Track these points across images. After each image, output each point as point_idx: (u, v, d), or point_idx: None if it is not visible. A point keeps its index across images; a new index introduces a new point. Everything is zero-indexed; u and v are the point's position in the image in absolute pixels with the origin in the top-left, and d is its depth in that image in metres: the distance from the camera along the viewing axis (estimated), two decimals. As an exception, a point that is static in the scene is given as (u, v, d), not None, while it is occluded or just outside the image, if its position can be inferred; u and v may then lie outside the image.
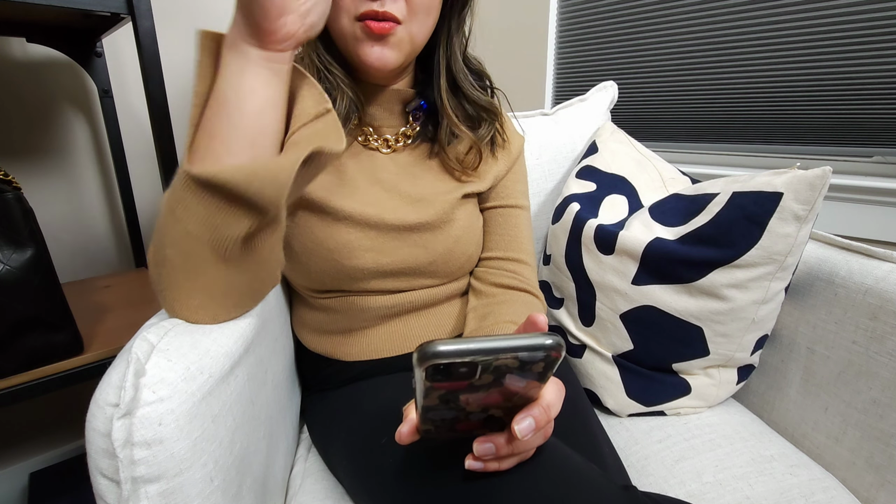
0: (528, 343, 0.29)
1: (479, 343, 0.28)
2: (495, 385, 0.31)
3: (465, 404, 0.33)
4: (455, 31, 0.58)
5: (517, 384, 0.32)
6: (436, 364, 0.28)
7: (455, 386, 0.31)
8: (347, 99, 0.56)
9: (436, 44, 0.59)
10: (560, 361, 0.31)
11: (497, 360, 0.29)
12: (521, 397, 0.34)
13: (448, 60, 0.59)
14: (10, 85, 0.92)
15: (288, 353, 0.64)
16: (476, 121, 0.63)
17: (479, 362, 0.29)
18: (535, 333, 0.30)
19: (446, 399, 0.32)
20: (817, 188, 0.57)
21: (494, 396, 0.33)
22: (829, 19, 0.98)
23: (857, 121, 1.00)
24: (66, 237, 1.02)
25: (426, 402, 0.32)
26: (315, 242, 0.57)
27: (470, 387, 0.31)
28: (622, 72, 1.31)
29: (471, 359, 0.28)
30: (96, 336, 0.73)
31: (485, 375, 0.30)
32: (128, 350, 0.37)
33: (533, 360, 0.30)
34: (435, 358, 0.28)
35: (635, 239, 0.67)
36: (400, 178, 0.61)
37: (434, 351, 0.28)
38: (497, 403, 0.34)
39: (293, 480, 0.61)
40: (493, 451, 0.36)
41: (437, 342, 0.28)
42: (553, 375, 0.33)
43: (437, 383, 0.30)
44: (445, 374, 0.29)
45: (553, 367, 0.31)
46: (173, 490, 0.35)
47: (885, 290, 0.58)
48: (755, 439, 0.64)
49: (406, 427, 0.37)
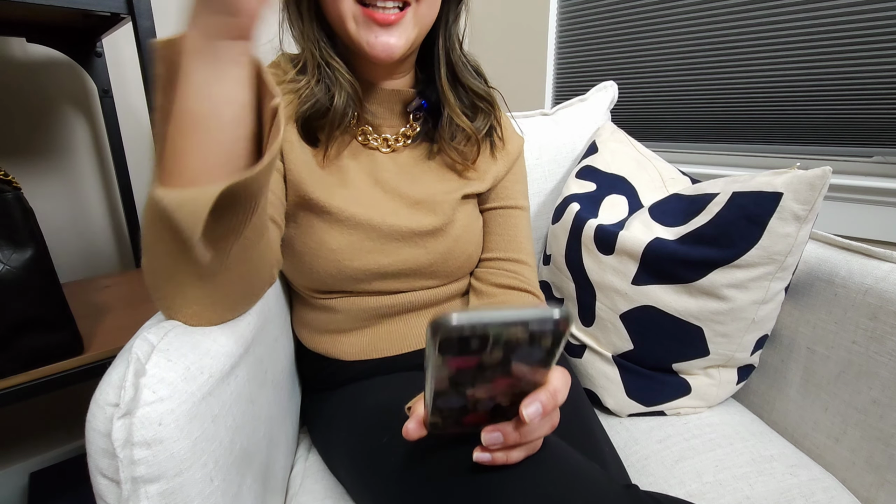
0: (537, 315, 0.29)
1: (491, 313, 0.29)
2: (503, 367, 0.32)
3: (473, 391, 0.33)
4: (453, 21, 0.60)
5: (524, 367, 0.32)
6: (449, 336, 0.28)
7: (466, 363, 0.31)
8: (346, 94, 0.56)
9: (435, 37, 0.60)
10: (566, 338, 0.31)
11: (508, 332, 0.29)
12: (528, 383, 0.34)
13: (447, 50, 0.60)
14: (10, 85, 0.92)
15: (288, 353, 0.64)
16: (474, 111, 0.64)
17: (490, 334, 0.29)
18: (543, 306, 0.30)
19: (455, 382, 0.32)
20: (817, 188, 0.57)
21: (501, 383, 0.33)
22: (829, 19, 0.98)
23: (857, 121, 1.00)
24: (66, 237, 1.02)
25: (437, 386, 0.33)
26: (318, 243, 0.57)
27: (480, 366, 0.31)
28: (622, 72, 1.31)
29: (483, 330, 0.29)
30: (96, 336, 0.73)
31: (495, 351, 0.30)
32: (128, 350, 0.37)
33: (542, 331, 0.30)
34: (449, 329, 0.28)
35: (635, 239, 0.67)
36: (400, 179, 0.61)
37: (448, 321, 0.28)
38: (504, 390, 0.34)
39: (293, 480, 0.61)
40: (501, 440, 0.36)
41: (450, 313, 0.28)
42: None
43: (451, 357, 0.30)
44: (458, 348, 0.29)
45: (560, 342, 0.31)
46: (173, 490, 0.35)
47: (885, 290, 0.58)
48: (755, 439, 0.64)
49: (413, 422, 0.37)
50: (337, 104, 0.55)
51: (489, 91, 0.65)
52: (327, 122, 0.56)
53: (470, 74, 0.62)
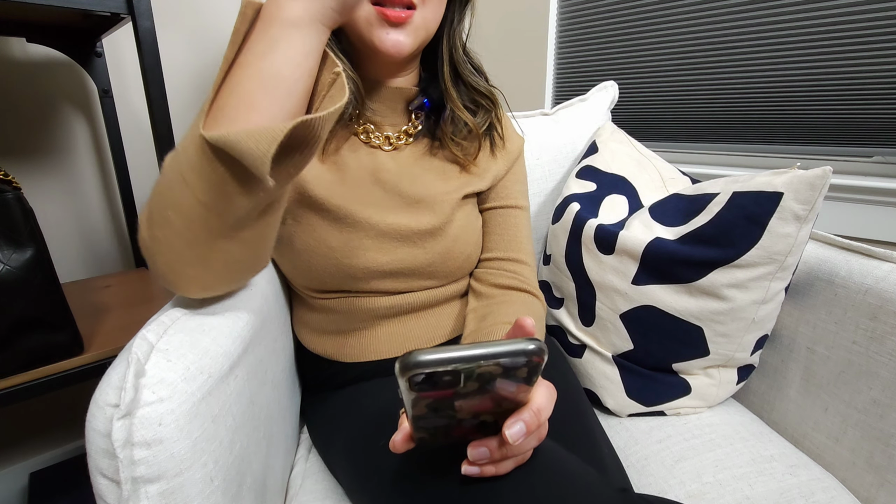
0: (509, 349, 0.29)
1: (459, 351, 0.28)
2: (483, 392, 0.31)
3: (455, 412, 0.33)
4: (457, 23, 0.61)
5: (506, 389, 0.32)
6: (417, 374, 0.28)
7: (441, 395, 0.30)
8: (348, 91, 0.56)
9: (440, 37, 0.61)
10: (543, 366, 0.31)
11: (479, 367, 0.29)
12: (511, 401, 0.34)
13: (451, 50, 0.61)
14: (10, 85, 0.92)
15: (288, 354, 0.64)
16: (475, 107, 0.65)
17: (461, 370, 0.28)
18: (516, 339, 0.29)
19: (435, 408, 0.32)
20: (817, 188, 0.57)
21: (484, 402, 0.33)
22: (829, 19, 0.98)
23: (857, 121, 1.00)
24: (66, 237, 1.02)
25: (415, 412, 0.32)
26: (317, 240, 0.57)
27: (456, 395, 0.31)
28: (622, 72, 1.31)
29: (452, 367, 0.28)
30: (96, 336, 0.73)
31: (469, 383, 0.30)
32: (128, 350, 0.37)
33: (515, 365, 0.29)
34: (416, 368, 0.27)
35: (635, 239, 0.67)
36: (401, 178, 0.61)
37: (415, 361, 0.27)
38: (488, 409, 0.34)
39: (293, 480, 0.61)
40: (488, 455, 0.36)
41: (417, 352, 0.28)
42: (550, 375, 0.33)
43: (423, 393, 0.30)
44: (429, 384, 0.29)
45: (537, 371, 0.31)
46: (173, 490, 0.35)
47: (885, 290, 0.58)
48: (755, 439, 0.64)
49: (400, 436, 0.37)
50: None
51: (490, 89, 0.65)
52: None
53: (472, 72, 0.64)
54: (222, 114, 0.37)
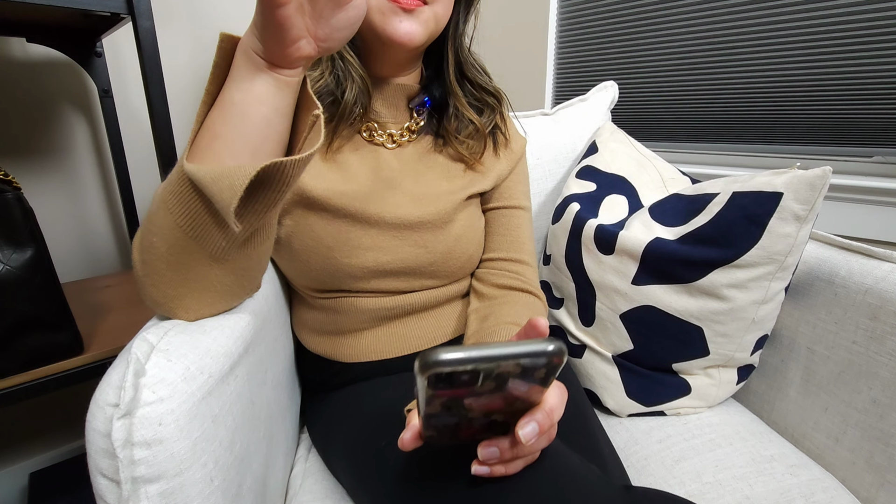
0: (530, 349, 0.29)
1: (481, 350, 0.28)
2: (498, 391, 0.31)
3: (467, 410, 0.33)
4: (463, 22, 0.62)
5: (519, 389, 0.32)
6: (438, 373, 0.28)
7: (457, 393, 0.30)
8: (357, 88, 0.56)
9: (445, 36, 0.61)
10: (561, 367, 0.31)
11: (499, 367, 0.29)
12: (524, 402, 0.34)
13: (456, 49, 0.62)
14: (10, 85, 0.92)
15: (288, 354, 0.64)
16: (481, 105, 0.65)
17: (481, 370, 0.28)
18: (536, 339, 0.29)
19: (448, 406, 0.32)
20: (817, 188, 0.57)
21: (497, 402, 0.33)
22: (829, 19, 0.98)
23: (857, 121, 1.00)
24: (66, 237, 1.02)
25: (428, 410, 0.32)
26: (315, 240, 0.57)
27: (472, 393, 0.31)
28: (622, 72, 1.31)
29: (473, 367, 0.28)
30: (96, 336, 0.73)
31: (487, 382, 0.30)
32: (128, 350, 0.37)
33: (535, 366, 0.29)
34: (437, 367, 0.27)
35: (635, 239, 0.67)
36: (404, 175, 0.61)
37: (436, 359, 0.27)
38: (500, 409, 0.34)
39: (293, 480, 0.61)
40: (498, 455, 0.36)
41: (439, 350, 0.27)
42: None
43: (440, 391, 0.30)
44: (448, 383, 0.29)
45: (555, 372, 0.31)
46: (173, 490, 0.35)
47: (885, 290, 0.58)
48: (755, 439, 0.64)
49: (409, 433, 0.37)
50: (347, 98, 0.56)
51: (496, 88, 0.66)
52: (336, 115, 0.57)
53: (476, 72, 0.64)
54: (196, 146, 0.38)
